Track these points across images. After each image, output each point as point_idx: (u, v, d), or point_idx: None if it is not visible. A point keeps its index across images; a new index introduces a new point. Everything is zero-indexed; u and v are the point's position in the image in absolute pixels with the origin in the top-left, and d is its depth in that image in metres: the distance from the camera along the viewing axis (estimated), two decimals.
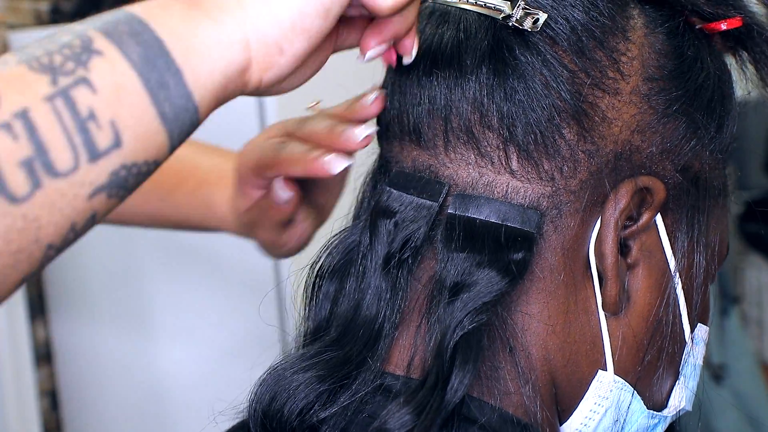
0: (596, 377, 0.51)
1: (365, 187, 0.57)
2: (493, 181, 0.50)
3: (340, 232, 0.55)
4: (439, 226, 0.51)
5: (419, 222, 0.51)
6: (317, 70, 0.51)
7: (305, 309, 0.56)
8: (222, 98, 0.43)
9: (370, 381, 0.50)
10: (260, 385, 0.52)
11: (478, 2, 0.50)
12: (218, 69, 0.42)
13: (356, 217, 0.56)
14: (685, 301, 0.53)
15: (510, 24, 0.49)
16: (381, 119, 0.55)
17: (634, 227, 0.51)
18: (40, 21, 1.70)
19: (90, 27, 0.40)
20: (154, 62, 0.39)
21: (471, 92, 0.50)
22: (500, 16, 0.49)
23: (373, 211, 0.53)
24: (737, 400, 1.74)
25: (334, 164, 0.55)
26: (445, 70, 0.51)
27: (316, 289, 0.55)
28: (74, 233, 0.39)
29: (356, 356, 0.50)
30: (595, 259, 0.50)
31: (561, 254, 0.50)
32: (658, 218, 0.52)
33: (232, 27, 0.43)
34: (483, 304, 0.48)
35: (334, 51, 0.52)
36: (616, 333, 0.51)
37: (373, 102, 0.54)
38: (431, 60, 0.51)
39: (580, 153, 0.49)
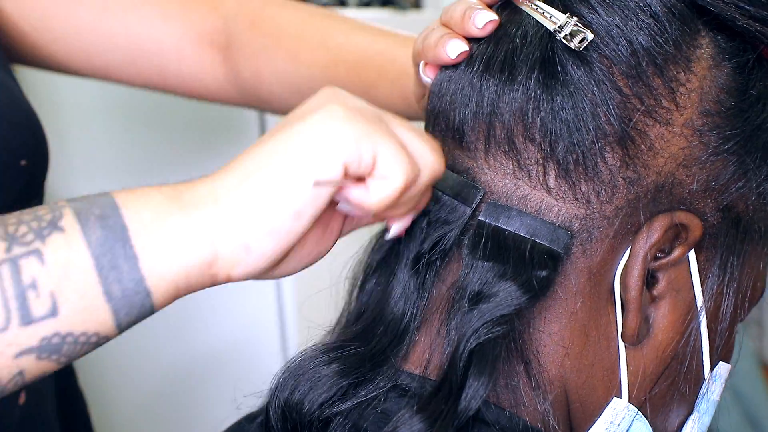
0: (611, 403, 0.51)
1: None
2: (528, 194, 0.49)
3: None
4: (469, 231, 0.50)
5: (451, 225, 0.51)
6: (320, 256, 0.51)
7: (348, 301, 0.57)
8: (185, 286, 0.44)
9: (389, 378, 0.50)
10: (284, 373, 0.52)
11: (538, 8, 0.49)
12: (177, 261, 0.43)
13: None
14: (708, 341, 0.52)
15: (558, 38, 0.47)
16: (431, 110, 0.54)
17: (665, 260, 0.50)
18: None
19: (70, 204, 0.42)
20: (112, 246, 0.42)
21: (517, 102, 0.49)
22: (552, 27, 0.48)
23: None
24: (737, 400, 1.74)
25: (451, 48, 0.52)
26: (497, 74, 0.50)
27: (360, 283, 0.56)
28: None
29: (379, 354, 0.51)
30: (620, 288, 0.49)
31: (586, 278, 0.50)
32: (691, 255, 0.50)
33: (201, 222, 0.44)
34: (501, 317, 0.48)
35: (350, 231, 0.52)
36: (634, 362, 0.51)
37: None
38: (486, 61, 0.50)
39: (620, 179, 0.48)
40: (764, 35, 0.49)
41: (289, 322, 1.43)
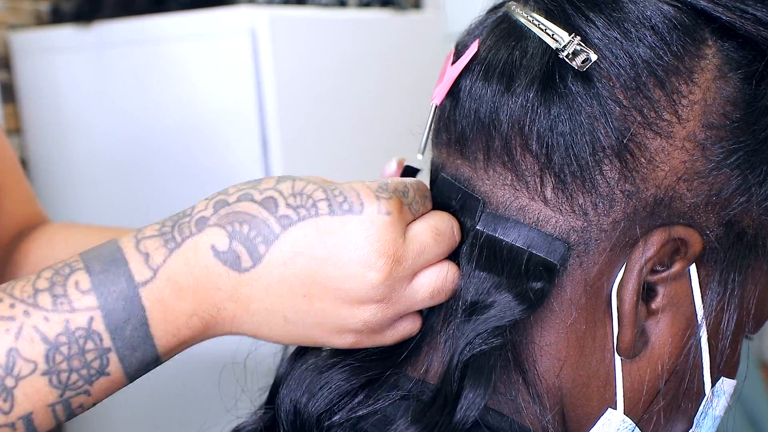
0: (605, 414, 0.50)
1: None
2: (526, 205, 0.49)
3: None
4: (467, 240, 0.50)
5: (462, 239, 0.51)
6: None
7: None
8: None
9: (391, 386, 0.50)
10: (288, 371, 0.52)
11: (540, 25, 0.48)
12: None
13: None
14: (709, 357, 0.50)
15: (561, 56, 0.47)
16: (438, 121, 0.54)
17: (665, 274, 0.49)
18: (40, 21, 1.70)
19: (115, 349, 0.45)
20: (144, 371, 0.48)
21: (516, 113, 0.48)
22: (555, 46, 0.47)
23: None
24: (737, 400, 1.74)
25: None
26: (495, 85, 0.49)
27: None
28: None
29: (387, 366, 0.51)
30: (617, 301, 0.49)
31: (582, 290, 0.49)
32: (693, 269, 0.49)
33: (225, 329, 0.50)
34: (495, 328, 0.47)
35: None
36: (631, 375, 0.50)
37: None
38: (484, 72, 0.50)
39: (618, 192, 0.47)
40: None
41: None
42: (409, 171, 0.57)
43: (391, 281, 0.47)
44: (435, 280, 0.49)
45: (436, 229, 0.49)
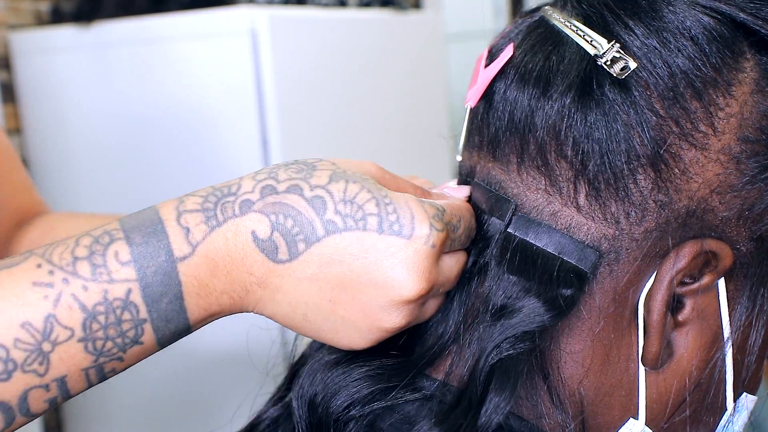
0: (627, 424, 0.50)
1: None
2: (558, 211, 0.49)
3: None
4: (498, 242, 0.50)
5: (489, 241, 0.51)
6: None
7: None
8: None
9: (412, 385, 0.51)
10: (309, 371, 0.52)
11: (578, 31, 0.48)
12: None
13: None
14: (733, 372, 0.50)
15: (599, 63, 0.47)
16: (470, 124, 0.54)
17: (694, 286, 0.48)
18: (41, 21, 1.70)
19: (150, 320, 0.46)
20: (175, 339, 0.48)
21: (551, 118, 0.48)
22: (593, 52, 0.47)
23: None
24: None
25: None
26: (531, 89, 0.49)
27: None
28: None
29: (413, 367, 0.51)
30: (644, 311, 0.48)
31: (611, 298, 0.49)
32: (721, 282, 0.49)
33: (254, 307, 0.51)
34: (523, 333, 0.47)
35: None
36: (654, 386, 0.50)
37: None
38: (520, 76, 0.50)
39: (651, 202, 0.47)
40: None
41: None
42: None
43: (415, 305, 0.47)
44: (438, 305, 0.51)
45: (461, 268, 0.50)
